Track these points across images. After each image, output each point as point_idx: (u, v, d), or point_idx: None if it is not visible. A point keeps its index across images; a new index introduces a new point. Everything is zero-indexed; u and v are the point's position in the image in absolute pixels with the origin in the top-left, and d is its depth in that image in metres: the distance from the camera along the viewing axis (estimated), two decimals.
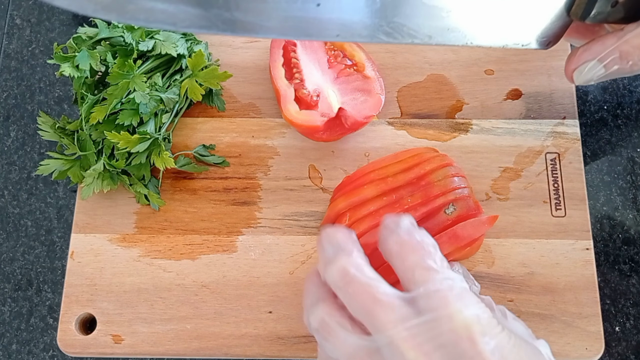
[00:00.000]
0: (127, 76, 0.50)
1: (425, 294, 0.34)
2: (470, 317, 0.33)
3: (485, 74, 0.57)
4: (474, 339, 0.33)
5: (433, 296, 0.34)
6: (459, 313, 0.33)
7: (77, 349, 0.49)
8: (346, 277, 0.35)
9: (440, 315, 0.33)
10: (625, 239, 0.56)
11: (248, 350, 0.49)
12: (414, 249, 0.36)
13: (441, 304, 0.34)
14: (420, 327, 0.33)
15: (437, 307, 0.34)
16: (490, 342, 0.33)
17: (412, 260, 0.36)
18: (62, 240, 0.57)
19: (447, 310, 0.33)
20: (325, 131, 0.52)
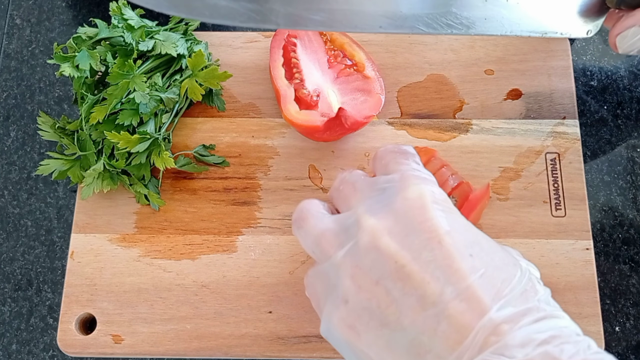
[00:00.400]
0: (127, 76, 0.50)
1: (389, 176, 0.37)
2: (425, 189, 0.35)
3: (485, 74, 0.57)
4: (425, 205, 0.34)
5: (394, 176, 0.36)
6: (413, 185, 0.35)
7: (77, 349, 0.49)
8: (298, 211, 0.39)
9: (396, 187, 0.35)
10: (625, 239, 0.56)
11: (248, 350, 0.49)
12: (393, 151, 0.39)
13: (399, 179, 0.36)
14: (378, 200, 0.35)
15: (394, 181, 0.36)
16: (442, 213, 0.34)
17: (389, 158, 0.39)
18: (62, 240, 0.57)
19: (403, 183, 0.35)
20: (325, 131, 0.52)
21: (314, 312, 0.49)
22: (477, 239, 0.34)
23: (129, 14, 0.53)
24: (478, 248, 0.33)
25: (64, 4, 0.65)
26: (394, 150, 0.40)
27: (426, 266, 0.32)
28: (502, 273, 0.32)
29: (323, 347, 0.49)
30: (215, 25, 0.64)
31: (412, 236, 0.33)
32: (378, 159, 0.40)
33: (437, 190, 0.35)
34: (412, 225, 0.33)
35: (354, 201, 0.37)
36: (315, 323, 0.49)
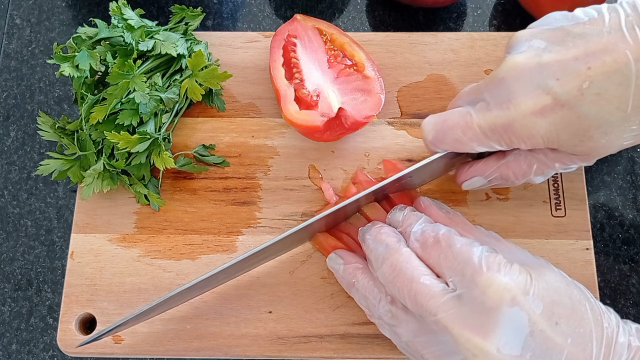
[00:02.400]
0: (127, 76, 0.50)
1: (456, 279, 0.39)
2: (504, 282, 0.37)
3: (485, 73, 0.57)
4: (515, 299, 0.37)
5: (463, 279, 0.39)
6: (491, 283, 0.38)
7: (77, 349, 0.49)
8: (394, 271, 0.41)
9: (474, 294, 0.38)
10: (625, 239, 0.56)
11: (248, 350, 0.49)
12: (433, 244, 0.42)
13: (473, 280, 0.38)
14: (460, 304, 0.38)
15: (469, 284, 0.38)
16: (529, 297, 0.37)
17: (436, 254, 0.41)
18: (62, 240, 0.57)
19: (479, 286, 0.38)
20: (325, 131, 0.52)
21: (314, 312, 0.49)
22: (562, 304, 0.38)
23: (129, 14, 0.53)
24: (562, 313, 0.38)
25: (64, 4, 0.65)
26: (453, 253, 0.41)
27: None
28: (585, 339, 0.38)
29: (323, 347, 0.49)
30: (215, 25, 0.64)
31: None
32: (445, 255, 0.41)
33: (510, 276, 0.38)
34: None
35: (427, 304, 0.40)
36: (315, 323, 0.49)
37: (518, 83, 0.41)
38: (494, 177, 0.46)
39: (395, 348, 0.48)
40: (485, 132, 0.43)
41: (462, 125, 0.44)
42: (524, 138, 0.41)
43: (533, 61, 0.40)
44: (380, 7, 0.64)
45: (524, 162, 0.45)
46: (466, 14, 0.64)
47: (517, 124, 0.41)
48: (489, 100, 0.43)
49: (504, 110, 0.41)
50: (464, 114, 0.44)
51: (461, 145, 0.44)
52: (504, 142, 0.43)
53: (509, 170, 0.45)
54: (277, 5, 0.65)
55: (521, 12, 0.63)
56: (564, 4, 0.57)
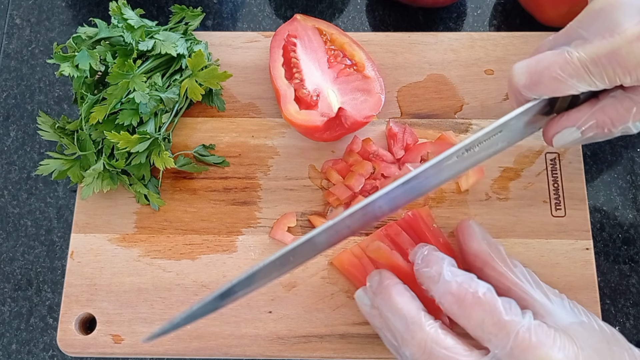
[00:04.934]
0: (127, 76, 0.50)
1: (502, 352, 0.38)
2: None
3: (485, 73, 0.57)
4: None
5: (512, 353, 0.37)
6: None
7: (77, 348, 0.49)
8: (424, 354, 0.39)
9: None
10: (625, 239, 0.56)
11: (248, 350, 0.49)
12: (473, 305, 0.39)
13: (522, 358, 0.37)
14: None
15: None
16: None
17: (477, 318, 0.39)
18: (62, 240, 0.56)
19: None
20: (325, 131, 0.52)
21: (314, 312, 0.49)
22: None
23: (129, 14, 0.53)
24: None
25: (64, 4, 0.65)
26: (473, 302, 0.39)
27: None
28: None
29: (323, 347, 0.49)
30: (215, 25, 0.64)
31: None
32: (462, 318, 0.40)
33: (561, 354, 0.37)
34: None
35: None
36: (315, 323, 0.49)
37: (619, 11, 0.39)
38: (589, 125, 0.42)
39: None
40: (587, 66, 0.40)
41: (560, 62, 0.40)
42: (631, 67, 0.39)
43: None
44: (380, 7, 0.64)
45: (621, 106, 0.41)
46: (466, 14, 0.64)
47: (623, 51, 0.38)
48: (586, 35, 0.40)
49: (607, 39, 0.39)
50: (560, 52, 0.41)
51: (560, 84, 0.41)
52: (608, 75, 0.40)
53: (605, 115, 0.42)
54: (277, 5, 0.65)
55: (521, 12, 0.63)
56: (564, 4, 0.57)
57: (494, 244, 0.44)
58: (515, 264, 0.43)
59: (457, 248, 0.48)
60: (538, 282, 0.43)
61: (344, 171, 0.53)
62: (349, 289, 0.50)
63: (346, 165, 0.53)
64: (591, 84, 0.40)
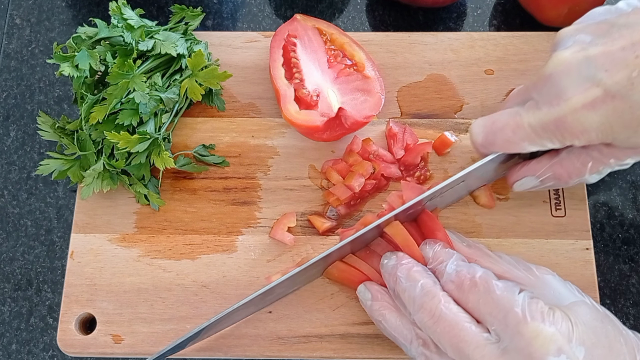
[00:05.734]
0: (127, 76, 0.50)
1: (498, 328, 0.39)
2: (550, 333, 0.37)
3: (485, 73, 0.57)
4: (561, 349, 0.37)
5: (507, 328, 0.38)
6: (537, 334, 0.38)
7: (77, 349, 0.49)
8: (433, 317, 0.41)
9: (520, 344, 0.38)
10: (625, 239, 0.56)
11: (248, 350, 0.49)
12: (470, 287, 0.41)
13: (518, 331, 0.38)
14: (504, 354, 0.38)
15: (514, 335, 0.38)
16: (572, 344, 0.37)
17: (474, 299, 0.41)
18: (62, 240, 0.56)
19: (525, 337, 0.38)
20: (325, 131, 0.52)
21: (314, 312, 0.49)
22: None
23: (129, 14, 0.53)
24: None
25: (64, 4, 0.65)
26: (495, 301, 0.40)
27: None
28: None
29: (323, 347, 0.49)
30: (215, 25, 0.64)
31: None
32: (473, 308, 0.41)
33: (557, 335, 0.38)
34: None
35: (471, 355, 0.39)
36: (315, 323, 0.49)
37: (566, 78, 0.40)
38: (547, 176, 0.45)
39: (395, 348, 0.48)
40: (537, 130, 0.42)
41: (512, 125, 0.43)
42: (577, 133, 0.41)
43: (580, 55, 0.40)
44: (380, 7, 0.64)
45: (577, 161, 0.44)
46: (466, 14, 0.64)
47: (569, 119, 0.40)
48: (537, 98, 0.42)
49: (554, 107, 0.41)
50: (513, 114, 0.43)
51: (512, 145, 0.43)
52: (557, 139, 0.42)
53: (562, 169, 0.44)
54: (277, 5, 0.65)
55: (521, 12, 0.63)
56: (564, 4, 0.57)
57: (473, 245, 0.47)
58: (500, 255, 0.45)
59: None
60: (527, 266, 0.44)
61: (344, 171, 0.53)
62: (349, 289, 0.50)
63: (346, 165, 0.53)
64: (542, 146, 0.43)
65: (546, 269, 0.44)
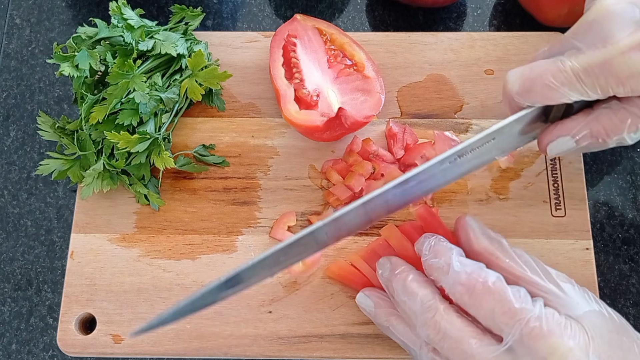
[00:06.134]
0: (127, 76, 0.50)
1: (513, 340, 0.38)
2: (568, 348, 0.37)
3: (485, 73, 0.57)
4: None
5: (523, 341, 0.37)
6: (555, 350, 0.37)
7: (77, 348, 0.49)
8: (439, 334, 0.40)
9: (536, 358, 0.37)
10: (625, 239, 0.56)
11: (248, 350, 0.49)
12: (483, 294, 0.39)
13: (535, 345, 0.37)
14: None
15: (530, 348, 0.37)
16: (590, 358, 0.37)
17: (488, 307, 0.39)
18: (62, 240, 0.56)
19: (541, 351, 0.37)
20: (325, 131, 0.52)
21: (314, 312, 0.49)
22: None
23: (129, 14, 0.53)
24: None
25: (64, 4, 0.65)
26: (484, 292, 0.40)
27: None
28: None
29: (323, 347, 0.49)
30: (215, 25, 0.64)
31: None
32: (472, 308, 0.40)
33: (572, 341, 0.37)
34: None
35: None
36: (315, 323, 0.49)
37: (612, 22, 0.39)
38: (583, 134, 0.43)
39: (395, 348, 0.48)
40: (580, 75, 0.40)
41: (553, 70, 0.41)
42: (623, 78, 0.39)
43: (623, 0, 0.39)
44: (380, 7, 0.64)
45: (615, 117, 0.42)
46: (466, 14, 0.64)
47: (616, 62, 0.39)
48: (579, 45, 0.40)
49: (600, 50, 0.39)
50: (554, 61, 0.41)
51: (552, 92, 0.41)
52: (600, 86, 0.40)
53: (599, 125, 0.42)
54: (277, 5, 0.65)
55: (521, 12, 0.63)
56: (564, 4, 0.57)
57: (495, 239, 0.44)
58: (519, 255, 0.43)
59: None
60: (546, 270, 0.42)
61: (344, 171, 0.53)
62: (349, 289, 0.50)
63: (346, 165, 0.53)
64: (584, 93, 0.41)
65: (565, 275, 0.43)
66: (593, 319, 0.39)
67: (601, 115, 0.42)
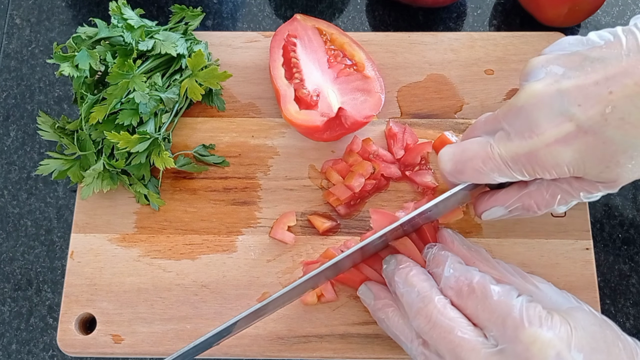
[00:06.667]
0: (127, 76, 0.50)
1: (497, 333, 0.39)
2: (548, 339, 0.37)
3: (485, 73, 0.57)
4: (560, 355, 0.37)
5: (505, 333, 0.38)
6: (535, 340, 0.37)
7: (77, 348, 0.49)
8: (429, 323, 0.41)
9: (518, 350, 0.37)
10: (625, 239, 0.56)
11: (248, 350, 0.49)
12: (468, 293, 0.41)
13: (516, 336, 0.38)
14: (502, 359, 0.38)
15: (512, 340, 0.37)
16: (571, 350, 0.37)
17: (473, 305, 0.40)
18: (62, 240, 0.56)
19: (523, 342, 0.37)
20: (325, 131, 0.52)
21: (314, 312, 0.49)
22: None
23: (129, 14, 0.53)
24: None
25: (64, 4, 0.65)
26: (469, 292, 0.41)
27: None
28: None
29: (323, 347, 0.49)
30: (215, 25, 0.64)
31: None
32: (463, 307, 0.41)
33: (553, 332, 0.38)
34: None
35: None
36: (315, 323, 0.49)
37: (539, 111, 0.40)
38: (516, 207, 0.45)
39: (395, 348, 0.48)
40: (507, 163, 0.41)
41: (482, 156, 0.42)
42: (549, 168, 0.40)
43: (552, 88, 0.39)
44: (380, 7, 0.64)
45: (546, 192, 0.43)
46: (466, 14, 0.64)
47: (541, 153, 0.40)
48: (508, 129, 0.42)
49: (526, 140, 0.40)
50: (484, 144, 0.43)
51: (481, 176, 0.43)
52: (527, 172, 0.41)
53: (531, 200, 0.44)
54: (277, 5, 0.65)
55: (521, 12, 0.63)
56: (564, 4, 0.57)
57: (473, 248, 0.46)
58: (498, 262, 0.45)
59: None
60: (524, 275, 0.44)
61: (344, 171, 0.53)
62: (349, 289, 0.50)
63: (346, 165, 0.53)
64: (511, 177, 0.42)
65: (541, 279, 0.44)
66: (575, 313, 0.40)
67: (533, 192, 0.44)
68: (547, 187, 0.43)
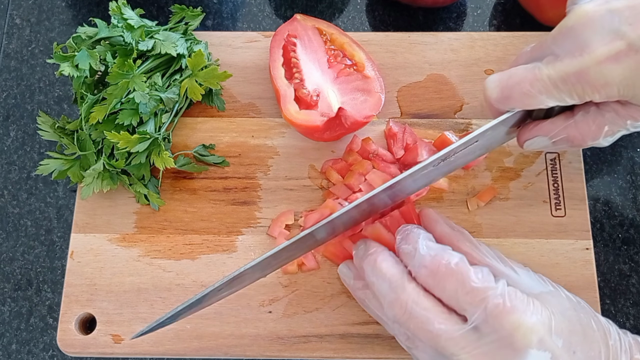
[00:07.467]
0: (127, 76, 0.50)
1: (478, 318, 0.38)
2: (532, 324, 0.37)
3: (485, 73, 0.57)
4: (542, 340, 0.37)
5: (487, 319, 0.38)
6: (519, 325, 0.37)
7: (77, 348, 0.49)
8: (405, 314, 0.40)
9: (501, 334, 0.37)
10: (625, 239, 0.56)
11: (248, 350, 0.49)
12: (446, 275, 0.40)
13: (499, 322, 0.37)
14: (483, 344, 0.38)
15: (495, 325, 0.37)
16: (552, 334, 0.37)
17: (451, 288, 0.39)
18: (62, 240, 0.56)
19: (506, 327, 0.37)
20: (325, 131, 0.52)
21: (314, 312, 0.49)
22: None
23: (129, 14, 0.53)
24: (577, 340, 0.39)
25: (64, 4, 0.65)
26: (446, 273, 0.40)
27: None
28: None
29: (323, 347, 0.49)
30: (215, 25, 0.64)
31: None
32: (437, 289, 0.40)
33: (534, 317, 0.38)
34: None
35: (449, 350, 0.39)
36: (315, 323, 0.49)
37: (589, 30, 0.40)
38: (560, 138, 0.44)
39: (395, 348, 0.48)
40: (556, 83, 0.41)
41: (530, 78, 0.42)
42: (598, 87, 0.40)
43: (603, 8, 0.40)
44: (380, 7, 0.64)
45: (593, 123, 0.43)
46: (466, 14, 0.64)
47: (592, 71, 0.39)
48: (558, 52, 0.41)
49: (576, 58, 0.40)
50: (531, 68, 0.42)
51: (530, 99, 0.42)
52: (576, 93, 0.41)
53: (577, 131, 0.43)
54: (277, 5, 0.65)
55: (521, 12, 0.63)
56: (564, 4, 0.57)
57: (457, 228, 0.45)
58: (480, 243, 0.44)
59: None
60: (503, 258, 0.44)
61: (344, 171, 0.53)
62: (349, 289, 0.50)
63: (346, 165, 0.53)
64: (560, 100, 0.42)
65: (521, 264, 0.44)
66: (550, 297, 0.40)
67: (579, 122, 0.43)
68: (593, 118, 0.42)
